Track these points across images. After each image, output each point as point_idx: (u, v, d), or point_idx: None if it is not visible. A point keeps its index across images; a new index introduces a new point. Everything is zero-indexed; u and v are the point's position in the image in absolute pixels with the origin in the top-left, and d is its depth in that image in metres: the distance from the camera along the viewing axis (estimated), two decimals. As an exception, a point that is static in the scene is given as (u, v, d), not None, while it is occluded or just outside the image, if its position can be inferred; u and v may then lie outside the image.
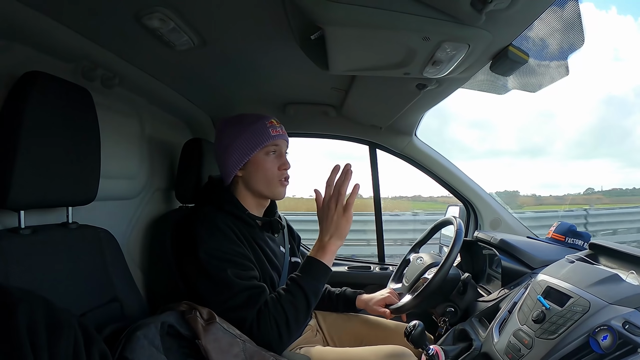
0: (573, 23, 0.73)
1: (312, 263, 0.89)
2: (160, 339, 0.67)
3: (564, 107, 69.36)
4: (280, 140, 0.98)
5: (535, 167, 21.29)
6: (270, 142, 0.95)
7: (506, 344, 0.83)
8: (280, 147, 0.98)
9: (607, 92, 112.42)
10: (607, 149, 37.42)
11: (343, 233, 0.90)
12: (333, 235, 0.89)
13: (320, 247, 0.90)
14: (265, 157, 0.96)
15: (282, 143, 0.99)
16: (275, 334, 0.82)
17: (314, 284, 0.88)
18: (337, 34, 0.68)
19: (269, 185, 0.97)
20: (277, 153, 0.98)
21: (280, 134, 0.97)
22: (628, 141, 42.08)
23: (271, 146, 0.96)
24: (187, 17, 0.76)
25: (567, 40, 0.77)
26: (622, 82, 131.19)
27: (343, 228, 0.89)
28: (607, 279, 0.79)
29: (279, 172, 0.97)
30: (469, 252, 1.34)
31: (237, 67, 1.03)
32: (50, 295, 0.65)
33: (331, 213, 0.88)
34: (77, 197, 0.77)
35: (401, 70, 0.83)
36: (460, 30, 0.67)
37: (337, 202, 0.88)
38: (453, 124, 40.62)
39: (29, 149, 0.65)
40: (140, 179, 1.08)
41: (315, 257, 0.90)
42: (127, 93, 1.03)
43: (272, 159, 0.97)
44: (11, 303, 0.43)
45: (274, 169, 0.97)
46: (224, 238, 0.87)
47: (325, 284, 0.91)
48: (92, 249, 0.79)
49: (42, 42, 0.75)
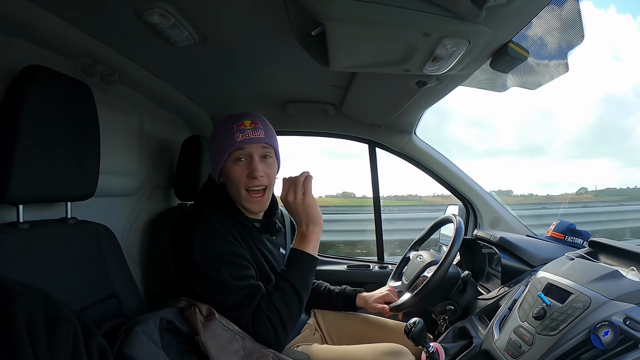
0: (573, 20, 0.73)
1: (296, 255, 0.88)
2: (159, 335, 0.66)
3: (563, 106, 69.84)
4: (249, 145, 0.88)
5: (534, 166, 21.47)
6: (234, 148, 0.87)
7: (507, 341, 0.83)
8: (249, 152, 0.88)
9: (606, 91, 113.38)
10: (607, 148, 37.84)
11: (315, 219, 0.88)
12: (308, 224, 0.88)
13: (301, 238, 0.89)
14: (232, 166, 0.88)
15: (253, 147, 0.88)
16: (272, 333, 0.81)
17: (301, 276, 0.86)
18: (338, 30, 0.69)
19: (239, 196, 0.90)
20: (247, 159, 0.89)
21: (248, 138, 0.87)
22: (627, 140, 42.54)
23: (237, 152, 0.88)
24: (187, 12, 0.76)
25: (566, 37, 0.78)
26: (621, 81, 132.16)
27: (312, 214, 0.88)
28: (608, 275, 0.79)
29: (247, 180, 0.88)
30: (468, 250, 1.34)
31: (237, 64, 1.03)
32: (48, 290, 0.65)
33: (294, 205, 0.87)
34: (76, 192, 0.77)
35: (401, 67, 0.83)
36: (460, 26, 0.67)
37: (295, 192, 0.87)
38: (452, 123, 40.79)
39: (29, 144, 0.65)
40: (139, 175, 1.08)
41: (298, 248, 0.89)
42: (127, 89, 1.03)
43: (239, 167, 0.88)
44: (9, 297, 0.42)
45: (241, 178, 0.88)
46: (220, 238, 0.85)
47: (313, 274, 0.90)
48: (91, 245, 0.79)
49: (42, 37, 0.75)
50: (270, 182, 0.93)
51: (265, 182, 0.90)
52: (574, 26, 0.74)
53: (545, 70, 0.86)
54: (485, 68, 0.89)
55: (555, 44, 0.79)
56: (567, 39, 0.77)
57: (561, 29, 0.75)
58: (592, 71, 35.01)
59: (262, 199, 0.91)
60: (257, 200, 0.90)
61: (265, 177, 0.90)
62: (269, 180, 0.92)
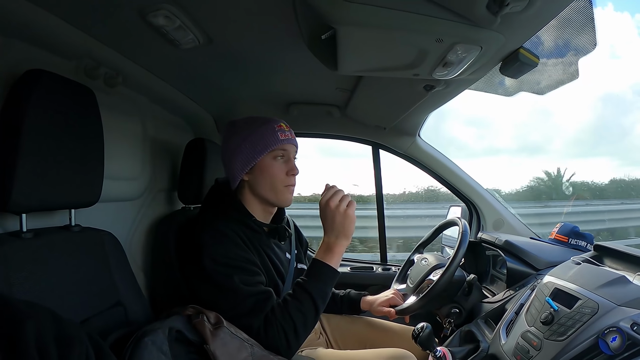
0: (585, 26, 0.73)
1: (318, 266, 0.87)
2: (168, 345, 0.65)
3: (562, 104, 70.57)
4: (289, 145, 0.94)
5: (534, 165, 21.62)
6: (278, 146, 0.91)
7: (514, 346, 0.83)
8: (288, 152, 0.94)
9: (604, 90, 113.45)
10: (606, 147, 38.28)
11: (348, 232, 0.88)
12: (339, 236, 0.87)
13: (327, 249, 0.88)
14: (272, 162, 0.92)
15: (291, 148, 0.95)
16: (283, 341, 0.80)
17: (321, 288, 0.85)
18: (350, 34, 0.67)
19: (275, 191, 0.93)
20: (285, 158, 0.94)
21: (289, 139, 0.93)
22: (626, 139, 43.02)
23: (279, 150, 0.92)
24: (193, 14, 0.74)
25: (578, 42, 0.77)
26: (619, 79, 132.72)
27: (348, 227, 0.87)
28: (615, 280, 0.80)
29: (285, 177, 0.93)
30: (472, 252, 1.34)
31: (241, 66, 1.01)
32: (53, 300, 0.65)
33: (333, 212, 0.86)
34: (80, 199, 0.75)
35: (411, 72, 0.82)
36: (473, 32, 0.66)
37: (340, 201, 0.87)
38: (449, 122, 40.84)
39: (31, 151, 0.63)
40: (142, 180, 1.06)
41: (321, 259, 0.87)
42: (130, 92, 1.01)
43: (279, 164, 0.93)
44: (18, 320, 0.41)
45: (281, 175, 0.93)
46: (229, 243, 0.85)
47: (332, 287, 0.89)
48: (96, 252, 0.77)
49: (43, 39, 0.73)
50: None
51: (296, 180, 0.97)
52: (586, 31, 0.74)
53: (555, 75, 0.85)
54: (494, 72, 0.88)
55: (566, 49, 0.78)
56: (579, 44, 0.76)
57: (573, 34, 0.75)
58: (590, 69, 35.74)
59: (293, 191, 0.96)
60: (291, 192, 0.96)
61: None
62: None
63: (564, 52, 0.79)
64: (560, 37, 0.75)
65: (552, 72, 0.84)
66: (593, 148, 38.36)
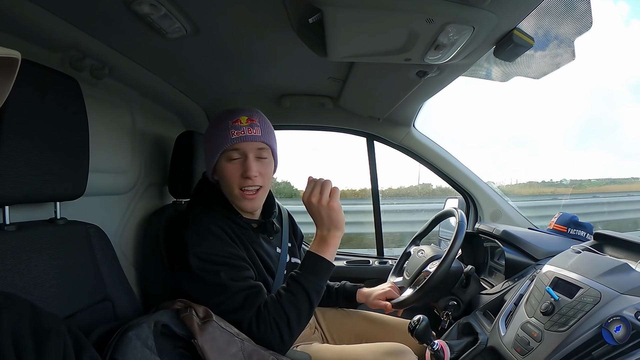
0: (580, 5, 0.71)
1: (312, 259, 0.84)
2: (154, 339, 0.64)
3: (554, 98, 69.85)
4: (244, 144, 0.85)
5: (525, 159, 21.48)
6: (228, 146, 0.84)
7: (514, 338, 0.81)
8: (244, 150, 0.85)
9: (595, 84, 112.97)
10: (598, 141, 37.86)
11: (339, 223, 0.85)
12: (330, 228, 0.84)
13: (321, 241, 0.85)
14: (225, 164, 0.86)
15: (247, 146, 0.85)
16: (277, 336, 0.78)
17: (316, 282, 0.83)
18: (336, 16, 0.65)
19: (232, 196, 0.88)
20: (242, 158, 0.86)
21: (243, 136, 0.84)
22: (618, 133, 42.58)
23: (231, 151, 0.85)
24: (178, 2, 0.72)
25: (573, 24, 0.75)
26: (611, 74, 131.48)
27: (336, 218, 0.84)
28: (617, 268, 0.77)
29: (241, 180, 0.85)
30: (470, 244, 1.32)
31: (231, 56, 0.99)
32: (37, 295, 0.63)
33: (317, 207, 0.83)
34: (65, 191, 0.73)
35: (402, 56, 0.79)
36: (465, 11, 0.64)
37: (322, 194, 0.83)
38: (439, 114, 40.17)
39: (14, 141, 0.62)
40: (131, 173, 1.05)
41: (316, 252, 0.85)
42: (118, 84, 0.99)
43: (233, 165, 0.86)
44: None
45: (234, 177, 0.85)
46: (215, 240, 0.82)
47: (327, 280, 0.86)
48: (82, 246, 0.75)
49: (27, 30, 0.71)
50: (265, 182, 0.90)
51: (260, 182, 0.88)
52: (581, 11, 0.71)
53: (550, 58, 0.83)
54: (488, 57, 0.86)
55: (561, 30, 0.76)
56: (574, 25, 0.74)
57: (568, 14, 0.72)
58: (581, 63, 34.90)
59: (255, 196, 0.88)
60: (250, 198, 0.87)
61: (260, 177, 0.87)
62: (263, 180, 0.89)
63: (558, 34, 0.77)
64: (554, 18, 0.73)
65: (547, 54, 0.82)
66: (586, 141, 38.12)
